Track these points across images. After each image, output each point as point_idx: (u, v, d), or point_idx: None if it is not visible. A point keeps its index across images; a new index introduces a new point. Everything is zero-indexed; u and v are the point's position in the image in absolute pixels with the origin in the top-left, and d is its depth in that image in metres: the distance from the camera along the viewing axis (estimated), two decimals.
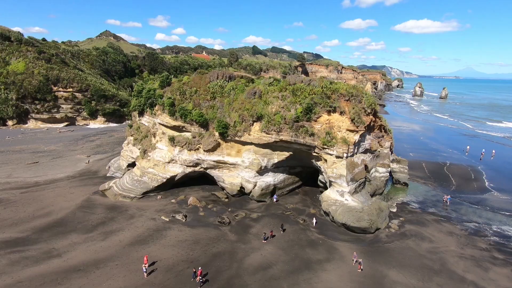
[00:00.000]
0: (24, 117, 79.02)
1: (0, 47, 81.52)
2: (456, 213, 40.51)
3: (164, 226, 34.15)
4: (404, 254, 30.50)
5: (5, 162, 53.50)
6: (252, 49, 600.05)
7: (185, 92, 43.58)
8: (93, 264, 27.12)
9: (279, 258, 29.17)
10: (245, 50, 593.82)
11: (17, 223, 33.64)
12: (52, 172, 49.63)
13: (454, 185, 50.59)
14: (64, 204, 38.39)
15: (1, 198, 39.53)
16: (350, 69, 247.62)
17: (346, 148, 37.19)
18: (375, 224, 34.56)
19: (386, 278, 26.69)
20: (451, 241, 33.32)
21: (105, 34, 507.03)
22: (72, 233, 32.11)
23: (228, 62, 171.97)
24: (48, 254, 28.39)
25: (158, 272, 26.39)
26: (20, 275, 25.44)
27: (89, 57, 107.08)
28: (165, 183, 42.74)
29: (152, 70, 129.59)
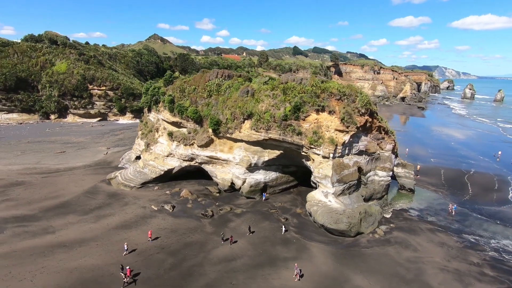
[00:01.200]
0: (64, 112, 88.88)
1: (48, 50, 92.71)
2: (459, 224, 37.20)
3: (151, 214, 36.58)
4: (379, 260, 29.11)
5: (38, 151, 60.96)
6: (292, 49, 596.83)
7: (184, 90, 45.89)
8: (78, 242, 30.25)
9: (246, 252, 29.72)
10: (285, 51, 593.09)
11: (30, 203, 38.52)
12: (73, 161, 55.45)
13: (469, 195, 46.25)
14: (73, 189, 42.89)
15: (25, 181, 45.42)
16: (389, 69, 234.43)
17: (333, 148, 36.34)
18: (355, 227, 33.32)
19: (348, 282, 25.85)
20: (439, 252, 30.90)
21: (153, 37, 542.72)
22: (71, 214, 35.94)
23: (258, 62, 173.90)
24: (45, 230, 32.25)
25: (130, 254, 28.59)
26: (17, 246, 29.37)
27: (125, 59, 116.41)
28: (163, 175, 45.43)
29: (183, 70, 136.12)
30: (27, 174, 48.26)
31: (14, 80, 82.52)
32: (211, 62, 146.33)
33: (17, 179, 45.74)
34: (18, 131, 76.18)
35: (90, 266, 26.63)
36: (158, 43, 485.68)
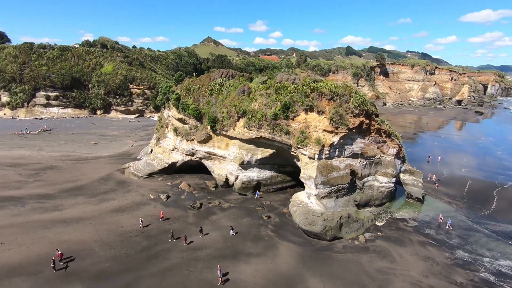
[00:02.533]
0: (108, 108, 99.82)
1: (99, 54, 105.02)
2: (460, 240, 33.43)
3: (146, 202, 39.95)
4: (345, 267, 27.96)
5: (78, 141, 69.89)
6: (345, 49, 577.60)
7: (190, 88, 48.73)
8: (76, 219, 34.69)
9: (215, 244, 30.95)
10: (337, 51, 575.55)
11: (54, 184, 44.88)
12: (102, 151, 62.48)
13: (490, 210, 40.93)
14: (92, 175, 48.64)
15: (57, 166, 52.82)
16: (445, 70, 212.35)
17: (318, 149, 35.59)
18: (331, 231, 32.26)
19: (302, 283, 25.50)
20: (420, 266, 28.43)
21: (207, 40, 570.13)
22: (81, 196, 41.07)
23: (296, 63, 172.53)
24: (55, 208, 37.53)
25: (113, 234, 31.94)
26: (30, 218, 34.82)
27: (166, 60, 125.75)
28: (168, 168, 48.87)
29: None
30: (61, 160, 55.99)
31: (70, 80, 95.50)
32: (248, 63, 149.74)
33: (52, 164, 53.43)
34: (69, 124, 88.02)
35: (77, 241, 30.49)
36: (211, 45, 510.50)
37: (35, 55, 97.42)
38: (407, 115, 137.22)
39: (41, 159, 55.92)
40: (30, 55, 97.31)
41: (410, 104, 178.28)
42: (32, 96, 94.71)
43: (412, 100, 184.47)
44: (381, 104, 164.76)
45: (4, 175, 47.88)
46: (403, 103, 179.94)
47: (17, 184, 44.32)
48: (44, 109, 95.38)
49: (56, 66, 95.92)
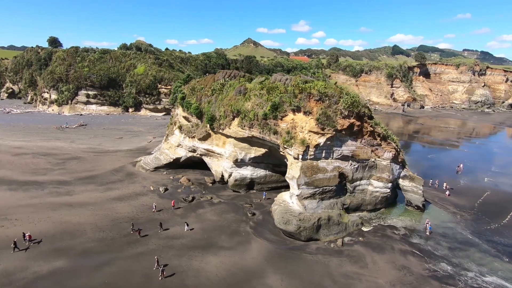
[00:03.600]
0: (138, 106, 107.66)
1: (134, 56, 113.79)
2: (448, 252, 31.20)
3: (144, 192, 43.23)
4: (311, 267, 27.93)
5: (105, 135, 76.91)
6: (391, 49, 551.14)
7: (194, 88, 51.31)
8: (80, 204, 38.91)
9: (193, 235, 32.76)
10: (383, 51, 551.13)
11: (73, 172, 50.43)
12: (123, 145, 68.14)
13: (500, 224, 37.33)
14: (107, 167, 53.63)
15: (81, 157, 58.98)
16: (499, 70, 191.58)
17: (302, 150, 35.64)
18: (306, 232, 32.19)
19: (261, 279, 26.17)
20: (391, 275, 27.32)
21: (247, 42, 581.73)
22: (91, 184, 45.71)
23: (327, 63, 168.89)
24: (67, 193, 42.37)
25: (107, 219, 35.38)
26: (45, 200, 39.86)
27: (196, 62, 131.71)
28: (172, 163, 52.00)
29: (248, 71, 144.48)
30: (86, 152, 62.36)
31: (107, 80, 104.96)
32: (276, 64, 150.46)
33: (77, 155, 59.83)
34: (102, 120, 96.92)
35: (75, 223, 34.37)
36: (250, 46, 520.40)
37: (79, 58, 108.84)
38: (447, 119, 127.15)
39: (70, 151, 62.83)
40: (75, 58, 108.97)
41: (453, 107, 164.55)
42: (75, 95, 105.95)
43: (455, 103, 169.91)
44: (417, 106, 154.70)
45: (36, 162, 54.90)
46: (444, 106, 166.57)
47: (44, 171, 50.61)
48: (85, 106, 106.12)
49: (96, 68, 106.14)
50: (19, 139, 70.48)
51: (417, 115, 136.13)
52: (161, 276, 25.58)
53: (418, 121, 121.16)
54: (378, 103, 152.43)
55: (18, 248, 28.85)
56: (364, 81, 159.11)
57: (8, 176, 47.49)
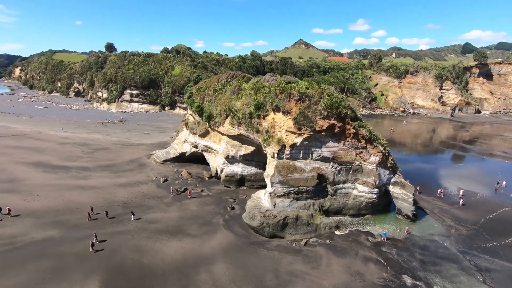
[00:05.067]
0: (174, 105, 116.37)
1: (173, 58, 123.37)
2: (420, 265, 29.06)
3: (145, 181, 47.91)
4: (261, 262, 28.80)
5: (137, 130, 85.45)
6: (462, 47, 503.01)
7: (200, 88, 54.77)
8: (90, 187, 44.99)
9: (169, 222, 35.82)
10: (451, 49, 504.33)
11: (96, 161, 57.85)
12: (148, 140, 75.17)
13: (500, 243, 33.15)
14: (126, 157, 60.25)
15: (109, 148, 66.99)
16: None
17: (278, 149, 36.34)
18: (269, 228, 32.87)
19: (208, 265, 27.92)
20: (339, 278, 26.81)
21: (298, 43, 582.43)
22: (107, 172, 52.12)
23: (368, 64, 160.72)
24: (84, 177, 49.12)
25: (104, 202, 40.48)
26: (65, 181, 46.93)
27: (231, 63, 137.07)
28: (179, 157, 56.25)
29: (283, 72, 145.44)
30: (115, 144, 70.51)
31: (148, 80, 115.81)
32: (311, 65, 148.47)
33: (106, 146, 68.10)
34: (140, 117, 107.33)
35: (79, 202, 40.11)
36: (302, 47, 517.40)
37: (127, 61, 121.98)
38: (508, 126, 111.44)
39: (102, 142, 71.69)
40: (123, 61, 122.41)
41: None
42: (121, 94, 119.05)
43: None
44: (471, 111, 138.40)
45: (73, 150, 64.09)
46: (508, 111, 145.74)
47: (75, 158, 59.03)
48: (128, 104, 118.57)
49: (139, 70, 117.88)
50: (68, 131, 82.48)
51: (468, 121, 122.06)
52: (92, 250, 29.15)
53: (467, 127, 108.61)
54: (423, 106, 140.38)
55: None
56: (409, 82, 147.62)
57: (47, 161, 56.60)
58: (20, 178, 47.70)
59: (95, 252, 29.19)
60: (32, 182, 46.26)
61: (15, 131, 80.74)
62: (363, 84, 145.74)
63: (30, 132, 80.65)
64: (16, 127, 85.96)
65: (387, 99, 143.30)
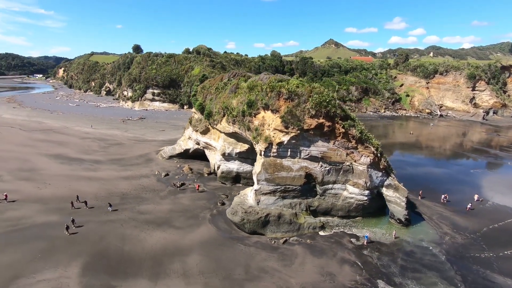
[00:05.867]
0: (191, 104, 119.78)
1: (193, 59, 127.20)
2: (398, 270, 27.88)
3: (147, 175, 50.27)
4: (235, 256, 29.33)
5: (154, 128, 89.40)
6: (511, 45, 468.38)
7: (204, 87, 56.26)
8: (96, 179, 48.15)
9: (158, 213, 37.42)
10: (498, 48, 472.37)
11: (109, 154, 61.62)
12: (160, 136, 78.45)
13: (496, 255, 30.77)
14: (136, 152, 63.49)
15: (123, 143, 70.94)
16: None
17: (265, 146, 36.59)
18: (249, 224, 33.23)
19: (184, 257, 28.96)
20: (308, 277, 26.58)
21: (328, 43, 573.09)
22: (115, 165, 55.38)
23: (394, 63, 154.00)
24: (94, 169, 52.63)
25: (105, 192, 43.19)
26: (76, 173, 50.65)
27: (250, 63, 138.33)
28: (183, 153, 58.24)
29: (302, 73, 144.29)
30: (130, 140, 74.47)
31: (169, 80, 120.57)
32: (332, 65, 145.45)
33: (122, 142, 72.17)
34: (160, 115, 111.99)
35: (83, 191, 43.15)
36: (331, 47, 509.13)
37: (150, 61, 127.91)
38: None
39: (119, 138, 76.05)
40: (147, 62, 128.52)
41: None
42: (144, 93, 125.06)
43: None
44: (508, 114, 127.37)
45: (91, 145, 68.76)
46: None
47: (91, 152, 63.32)
48: (150, 103, 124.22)
49: (161, 70, 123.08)
50: (91, 127, 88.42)
51: (503, 125, 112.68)
52: (67, 232, 31.92)
53: (500, 132, 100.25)
54: (452, 108, 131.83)
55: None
56: (438, 83, 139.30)
57: (66, 153, 61.34)
58: (39, 168, 52.27)
59: (69, 235, 31.91)
60: (48, 172, 50.51)
61: (46, 126, 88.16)
62: (386, 84, 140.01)
63: (58, 127, 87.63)
64: (48, 123, 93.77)
65: (413, 100, 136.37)
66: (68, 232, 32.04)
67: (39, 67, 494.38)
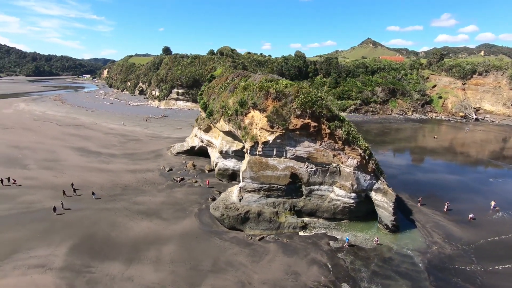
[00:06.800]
0: None
1: (216, 60, 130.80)
2: (368, 276, 27.08)
3: (153, 169, 53.37)
4: (208, 249, 30.47)
5: (172, 125, 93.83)
6: None
7: (210, 87, 58.20)
8: (106, 171, 52.24)
9: (151, 205, 39.74)
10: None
11: (125, 149, 66.15)
12: (176, 134, 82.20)
13: (485, 269, 28.48)
14: (149, 148, 67.43)
15: (141, 139, 75.61)
16: None
17: (250, 145, 37.34)
18: (229, 220, 34.17)
19: (161, 246, 30.72)
20: (272, 275, 26.91)
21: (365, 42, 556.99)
22: (126, 159, 59.45)
23: (427, 63, 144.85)
24: (107, 162, 57.03)
25: (111, 183, 46.80)
26: (91, 165, 55.33)
27: (272, 64, 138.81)
28: (189, 150, 60.79)
29: (326, 73, 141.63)
30: (147, 136, 79.13)
31: (192, 80, 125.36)
32: (358, 65, 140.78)
33: (139, 138, 76.97)
34: (182, 114, 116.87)
35: (92, 181, 47.16)
36: (369, 47, 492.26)
37: (176, 62, 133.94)
38: None
39: (139, 134, 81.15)
40: (174, 63, 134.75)
41: None
42: (170, 92, 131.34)
43: None
44: None
45: (112, 140, 74.33)
46: None
47: (110, 146, 68.50)
48: (175, 102, 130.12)
49: (186, 70, 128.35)
50: (117, 123, 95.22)
51: None
52: (54, 212, 36.19)
53: None
54: (491, 112, 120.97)
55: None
56: (476, 84, 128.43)
57: (88, 147, 67.08)
58: (62, 159, 57.95)
59: (56, 215, 36.13)
60: (68, 163, 55.80)
61: (79, 122, 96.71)
62: (416, 85, 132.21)
63: (89, 123, 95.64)
64: (81, 119, 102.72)
65: (445, 103, 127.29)
66: (55, 212, 36.23)
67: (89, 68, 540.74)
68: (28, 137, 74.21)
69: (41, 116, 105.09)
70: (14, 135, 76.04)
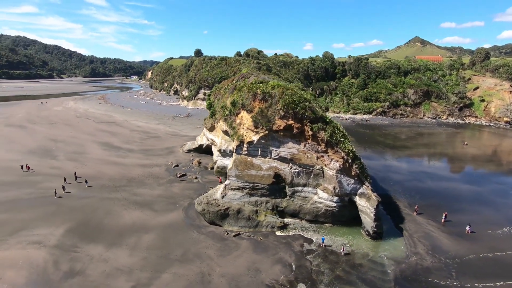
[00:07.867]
0: None
1: (242, 61, 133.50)
2: (328, 278, 26.80)
3: (160, 165, 57.04)
4: (184, 240, 32.39)
5: (193, 124, 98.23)
6: None
7: (217, 88, 60.44)
8: (120, 164, 57.07)
9: (148, 197, 42.92)
10: None
11: (143, 145, 71.26)
12: (194, 132, 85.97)
13: (459, 285, 26.48)
14: (165, 145, 71.82)
15: (160, 136, 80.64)
16: None
17: (236, 145, 38.60)
18: (209, 215, 35.75)
19: (143, 234, 33.36)
20: (234, 270, 27.91)
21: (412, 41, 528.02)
22: (141, 154, 64.10)
23: (470, 63, 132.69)
24: (123, 157, 62.07)
25: (119, 175, 51.16)
26: (109, 158, 60.79)
27: (299, 65, 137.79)
28: (198, 148, 63.68)
29: (355, 74, 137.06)
30: (167, 134, 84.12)
31: (220, 80, 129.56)
32: (390, 65, 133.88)
33: (159, 135, 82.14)
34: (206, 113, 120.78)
35: (103, 172, 51.96)
36: (416, 46, 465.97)
37: (205, 64, 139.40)
38: None
39: (160, 132, 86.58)
40: (202, 64, 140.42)
41: None
42: (197, 93, 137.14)
43: None
44: None
45: (135, 136, 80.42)
46: None
47: (131, 142, 74.28)
48: (201, 102, 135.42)
49: (213, 72, 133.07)
50: (145, 122, 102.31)
51: None
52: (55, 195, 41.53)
53: None
54: None
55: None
56: None
57: (112, 142, 73.52)
58: (87, 152, 64.48)
59: (57, 198, 41.06)
60: (91, 156, 61.97)
61: (112, 119, 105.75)
62: (455, 87, 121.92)
63: (121, 120, 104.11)
64: (116, 116, 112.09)
65: (488, 106, 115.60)
66: (56, 195, 41.23)
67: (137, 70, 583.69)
68: (66, 132, 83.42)
69: (82, 113, 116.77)
70: (56, 130, 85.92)
